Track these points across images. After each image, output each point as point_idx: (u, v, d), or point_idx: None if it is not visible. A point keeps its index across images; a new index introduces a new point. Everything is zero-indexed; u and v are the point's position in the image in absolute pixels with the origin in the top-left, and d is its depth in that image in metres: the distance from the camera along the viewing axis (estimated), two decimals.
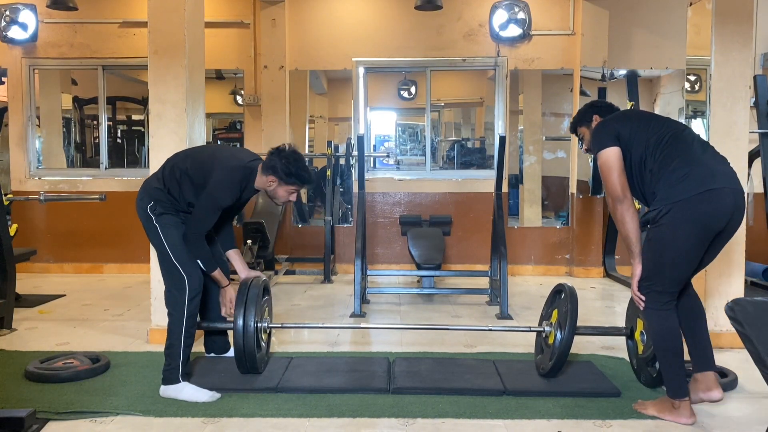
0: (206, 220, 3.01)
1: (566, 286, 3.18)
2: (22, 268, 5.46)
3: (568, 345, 3.06)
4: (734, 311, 1.70)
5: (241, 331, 3.07)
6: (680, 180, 2.61)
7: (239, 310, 3.09)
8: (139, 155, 7.54)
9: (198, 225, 3.01)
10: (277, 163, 2.99)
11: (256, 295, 3.15)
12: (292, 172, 3.00)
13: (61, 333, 4.18)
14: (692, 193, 2.58)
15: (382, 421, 2.74)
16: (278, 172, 3.00)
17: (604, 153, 2.78)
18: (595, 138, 2.87)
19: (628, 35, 6.37)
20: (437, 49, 6.46)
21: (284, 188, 3.05)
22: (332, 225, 6.14)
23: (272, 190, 3.06)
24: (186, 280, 3.00)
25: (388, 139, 8.53)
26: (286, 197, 3.09)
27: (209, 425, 2.70)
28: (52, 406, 2.84)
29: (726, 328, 3.83)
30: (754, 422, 2.76)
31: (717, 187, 2.59)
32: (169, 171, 3.09)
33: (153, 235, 3.06)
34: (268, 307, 3.36)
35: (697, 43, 4.15)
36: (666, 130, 2.76)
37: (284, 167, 2.98)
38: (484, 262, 5.88)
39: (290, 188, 3.06)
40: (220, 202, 2.99)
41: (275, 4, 6.38)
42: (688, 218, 2.58)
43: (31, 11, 6.34)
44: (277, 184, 3.03)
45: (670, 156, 2.68)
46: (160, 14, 3.82)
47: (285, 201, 3.13)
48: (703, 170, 2.62)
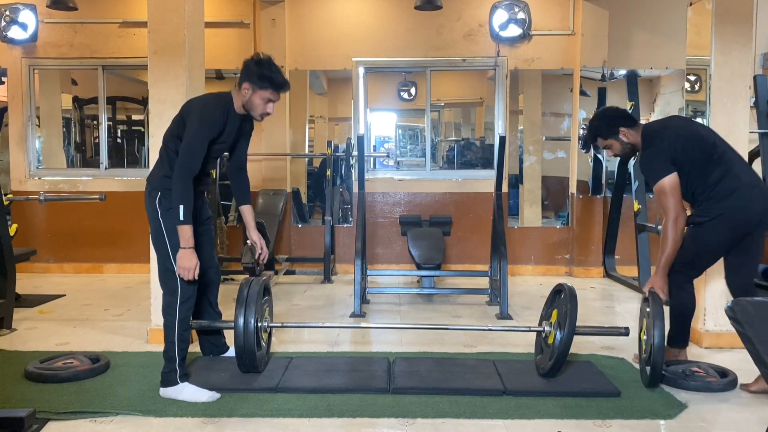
0: (194, 152, 2.90)
1: (566, 286, 3.18)
2: (22, 268, 5.46)
3: (567, 345, 3.05)
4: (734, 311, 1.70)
5: (241, 330, 3.07)
6: (726, 196, 3.11)
7: (240, 309, 3.09)
8: (139, 155, 7.54)
9: (186, 158, 2.90)
10: (251, 67, 2.97)
11: (257, 293, 3.15)
12: (265, 75, 2.95)
13: (61, 333, 4.18)
14: (734, 206, 3.11)
15: (382, 421, 2.74)
16: (251, 77, 2.96)
17: (665, 181, 3.15)
18: (652, 165, 3.22)
19: (628, 35, 6.37)
20: (437, 49, 6.47)
21: (258, 95, 2.98)
22: (332, 225, 6.14)
23: (248, 101, 3.00)
24: (179, 283, 2.98)
25: (388, 140, 8.54)
26: (262, 107, 3.02)
27: (209, 425, 2.70)
28: (52, 406, 2.83)
29: (726, 328, 3.83)
30: (754, 423, 2.76)
31: (754, 203, 3.13)
32: (163, 150, 3.06)
33: (156, 231, 3.02)
34: (269, 306, 3.36)
35: (697, 43, 4.15)
36: (712, 149, 3.18)
37: (257, 71, 2.95)
38: (484, 262, 5.88)
39: (264, 94, 2.98)
40: (205, 132, 2.92)
41: (275, 4, 6.39)
42: (728, 227, 3.13)
43: (31, 11, 6.34)
44: (251, 91, 2.98)
45: (717, 173, 3.15)
46: (160, 14, 3.82)
47: (262, 113, 3.04)
48: (744, 190, 3.12)
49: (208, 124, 2.95)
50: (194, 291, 3.05)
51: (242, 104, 3.04)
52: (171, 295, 3.00)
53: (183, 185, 2.89)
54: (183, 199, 2.88)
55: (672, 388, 3.13)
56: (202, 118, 2.95)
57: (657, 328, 2.98)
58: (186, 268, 2.91)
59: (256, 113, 3.05)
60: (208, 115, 2.96)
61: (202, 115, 2.95)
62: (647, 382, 3.11)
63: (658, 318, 3.02)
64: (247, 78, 2.98)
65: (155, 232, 3.03)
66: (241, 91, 3.01)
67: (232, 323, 3.11)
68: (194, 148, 2.92)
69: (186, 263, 2.91)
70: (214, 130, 2.96)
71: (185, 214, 2.88)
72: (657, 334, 2.97)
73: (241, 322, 3.07)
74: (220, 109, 3.00)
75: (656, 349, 2.97)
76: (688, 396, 3.03)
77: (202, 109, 2.98)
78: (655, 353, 2.98)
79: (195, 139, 2.92)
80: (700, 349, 3.86)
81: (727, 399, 3.02)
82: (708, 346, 3.87)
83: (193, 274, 2.93)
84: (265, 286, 3.27)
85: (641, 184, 5.73)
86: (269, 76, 2.96)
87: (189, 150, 2.91)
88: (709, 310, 3.90)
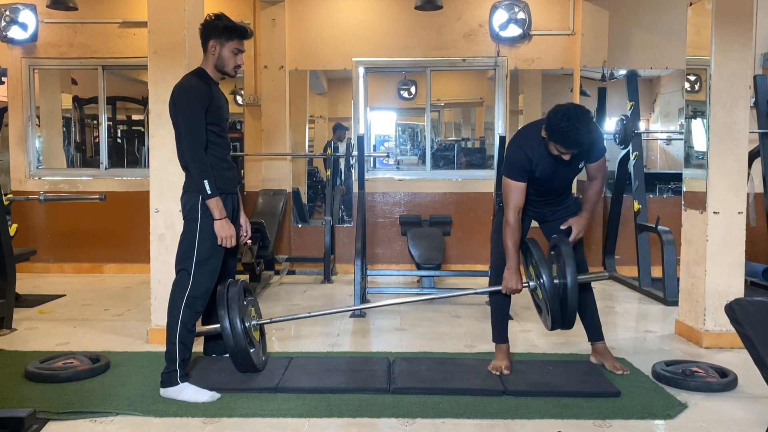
0: (193, 125, 2.95)
1: (527, 240, 3.24)
2: (22, 268, 5.46)
3: (553, 290, 3.07)
4: (734, 311, 1.70)
5: (229, 331, 3.07)
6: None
7: (222, 310, 3.08)
8: (139, 155, 7.55)
9: (189, 135, 2.95)
10: (212, 24, 3.04)
11: (236, 293, 3.14)
12: (229, 26, 3.04)
13: (61, 333, 4.19)
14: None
15: (382, 421, 2.74)
16: (215, 33, 3.03)
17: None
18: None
19: (628, 35, 6.38)
20: (437, 49, 6.46)
21: (227, 48, 3.04)
22: (332, 225, 6.14)
23: (218, 58, 3.06)
24: (190, 282, 2.99)
25: (388, 139, 8.54)
26: (233, 60, 3.07)
27: (209, 425, 2.70)
28: (52, 406, 2.83)
29: (726, 328, 3.83)
30: (754, 423, 2.76)
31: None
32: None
33: (189, 228, 3.04)
34: (254, 306, 3.35)
35: (697, 43, 4.14)
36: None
37: (219, 24, 3.03)
38: (484, 262, 5.88)
39: (232, 45, 3.05)
40: (193, 101, 2.96)
41: (275, 4, 6.39)
42: None
43: (31, 11, 6.34)
44: (219, 46, 3.04)
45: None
46: (160, 14, 3.82)
47: (234, 66, 3.09)
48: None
49: (193, 93, 2.98)
50: (203, 295, 3.05)
51: (214, 66, 3.08)
52: (179, 292, 3.01)
53: (199, 161, 2.96)
54: (204, 174, 2.95)
55: (672, 388, 3.12)
56: (185, 91, 3.00)
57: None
58: (225, 236, 3.01)
59: (229, 68, 3.10)
60: (189, 86, 3.02)
61: (184, 89, 3.01)
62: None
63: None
64: (210, 36, 3.05)
65: (190, 226, 3.04)
66: (208, 52, 3.07)
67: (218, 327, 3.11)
68: (192, 121, 2.96)
69: (223, 232, 3.00)
70: (200, 96, 2.99)
71: (211, 187, 2.95)
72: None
73: (227, 323, 3.06)
74: (196, 78, 3.06)
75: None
76: (688, 396, 3.03)
77: (182, 86, 3.04)
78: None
79: (189, 113, 2.96)
80: (700, 349, 3.86)
81: (728, 399, 3.02)
82: (708, 346, 3.87)
83: (232, 241, 3.04)
84: (244, 287, 3.27)
85: (641, 184, 5.73)
86: (233, 26, 3.06)
87: (188, 125, 2.96)
88: (709, 310, 3.90)
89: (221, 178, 3.06)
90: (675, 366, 3.30)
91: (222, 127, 3.12)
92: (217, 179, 3.01)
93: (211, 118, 3.02)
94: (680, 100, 6.40)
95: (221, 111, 3.11)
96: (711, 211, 3.88)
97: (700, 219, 3.95)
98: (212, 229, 3.00)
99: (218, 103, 3.08)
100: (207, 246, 3.02)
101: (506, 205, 3.19)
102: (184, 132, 2.97)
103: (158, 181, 3.82)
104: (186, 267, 3.02)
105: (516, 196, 3.17)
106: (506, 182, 3.19)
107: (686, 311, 4.11)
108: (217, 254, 3.07)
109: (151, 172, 3.84)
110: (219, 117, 3.08)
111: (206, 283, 3.05)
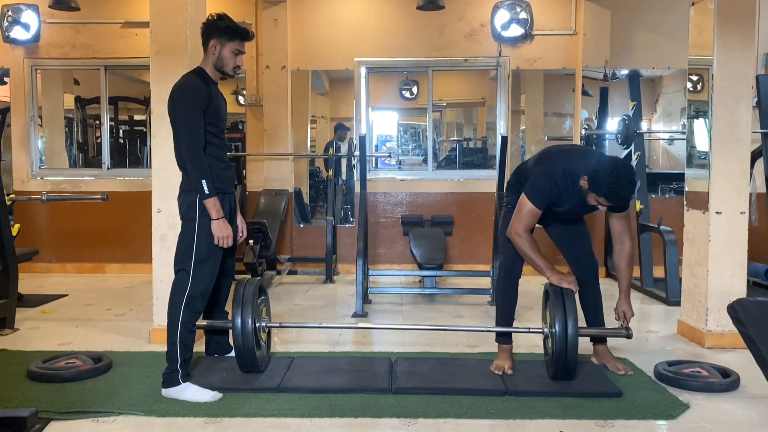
0: (191, 125, 2.95)
1: (550, 287, 3.17)
2: (24, 268, 5.46)
3: (562, 346, 3.01)
4: (737, 312, 1.70)
5: (239, 330, 3.07)
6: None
7: (237, 309, 3.09)
8: (141, 155, 7.55)
9: (187, 135, 2.96)
10: (214, 24, 3.04)
11: (252, 293, 3.15)
12: (230, 27, 3.04)
13: (64, 333, 4.19)
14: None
15: (384, 422, 2.74)
16: (216, 32, 3.04)
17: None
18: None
19: (630, 35, 6.37)
20: (439, 49, 6.46)
21: (227, 48, 3.05)
22: (334, 225, 6.14)
23: (218, 58, 3.06)
24: (189, 282, 3.00)
25: (389, 139, 8.54)
26: (232, 61, 3.08)
27: (211, 425, 2.70)
28: (54, 405, 2.84)
29: (728, 328, 3.83)
30: (756, 424, 2.75)
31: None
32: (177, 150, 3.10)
33: (187, 228, 3.04)
34: (266, 306, 3.36)
35: (699, 42, 4.13)
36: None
37: (221, 24, 3.03)
38: (486, 262, 5.87)
39: (233, 45, 3.06)
40: (192, 100, 2.96)
41: (277, 4, 6.39)
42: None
43: (33, 11, 6.35)
44: (219, 46, 3.05)
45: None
46: (162, 14, 3.82)
47: (233, 67, 3.10)
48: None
49: (192, 93, 2.98)
50: (202, 294, 3.06)
51: (213, 65, 3.09)
52: (178, 293, 3.01)
53: (197, 160, 2.96)
54: (203, 174, 2.95)
55: (674, 388, 3.12)
56: (184, 91, 3.00)
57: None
58: (222, 236, 3.01)
59: (228, 68, 3.10)
60: (188, 86, 3.02)
61: (183, 89, 3.02)
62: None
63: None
64: (211, 35, 3.06)
65: (188, 226, 3.04)
66: (209, 52, 3.07)
67: (230, 324, 3.12)
68: (191, 121, 2.96)
69: (221, 233, 3.01)
70: (200, 96, 2.99)
71: (209, 186, 2.95)
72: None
73: (238, 322, 3.07)
74: (195, 78, 3.06)
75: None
76: (690, 396, 3.03)
77: (181, 86, 3.04)
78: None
79: (188, 113, 2.96)
80: (702, 349, 3.85)
81: (730, 399, 3.02)
82: (710, 346, 3.87)
83: (228, 241, 3.04)
84: (260, 286, 3.27)
85: (643, 184, 5.72)
86: (234, 27, 3.06)
87: (187, 125, 2.96)
88: (711, 311, 3.89)
89: (219, 177, 3.07)
90: (677, 366, 3.30)
91: (220, 128, 3.13)
92: (215, 179, 3.02)
93: (210, 118, 3.03)
94: (682, 100, 6.40)
95: (220, 111, 3.12)
96: (713, 211, 3.88)
97: (703, 219, 3.95)
98: (210, 228, 3.01)
99: (217, 104, 3.08)
100: (205, 246, 3.02)
101: (518, 221, 3.15)
102: (183, 131, 2.98)
103: (160, 181, 3.82)
104: (185, 267, 3.02)
105: (531, 219, 3.15)
106: (525, 203, 3.14)
107: (688, 311, 4.10)
108: (215, 254, 3.07)
109: (153, 172, 3.85)
110: (217, 117, 3.09)
111: (205, 283, 3.05)
